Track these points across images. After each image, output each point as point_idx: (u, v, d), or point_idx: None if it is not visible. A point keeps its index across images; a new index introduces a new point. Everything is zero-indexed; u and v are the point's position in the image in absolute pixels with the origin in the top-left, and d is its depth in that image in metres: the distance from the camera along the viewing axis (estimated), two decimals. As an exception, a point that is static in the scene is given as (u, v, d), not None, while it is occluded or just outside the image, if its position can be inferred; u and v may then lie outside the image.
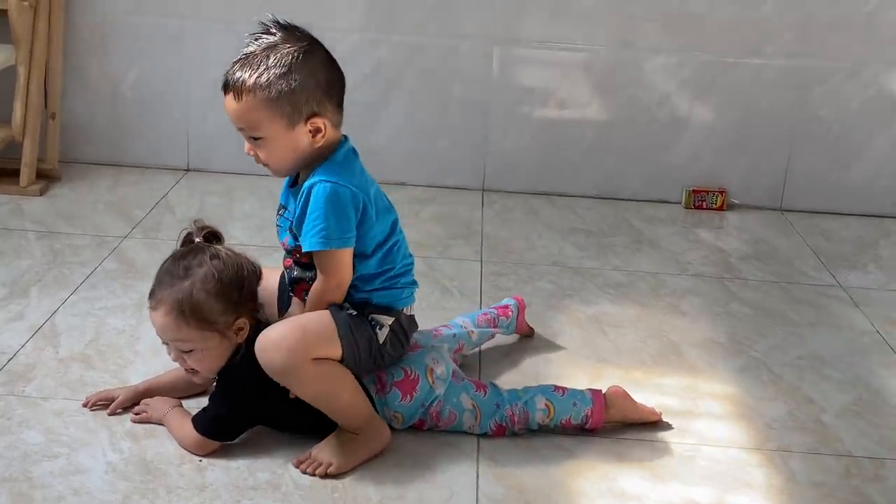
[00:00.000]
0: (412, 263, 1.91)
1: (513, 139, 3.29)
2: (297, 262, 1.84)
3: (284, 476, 1.74)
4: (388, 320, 1.83)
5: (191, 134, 3.30)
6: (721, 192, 3.26)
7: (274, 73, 1.70)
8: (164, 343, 1.82)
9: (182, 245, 1.84)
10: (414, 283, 1.91)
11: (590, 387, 1.96)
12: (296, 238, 1.80)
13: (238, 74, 1.73)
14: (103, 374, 2.03)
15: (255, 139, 1.75)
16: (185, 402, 1.91)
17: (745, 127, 3.25)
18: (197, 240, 1.84)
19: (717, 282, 2.71)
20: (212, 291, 1.75)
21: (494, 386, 1.94)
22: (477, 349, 2.18)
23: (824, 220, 3.23)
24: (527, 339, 2.29)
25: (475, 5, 3.16)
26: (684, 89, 3.23)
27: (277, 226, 1.88)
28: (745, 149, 3.27)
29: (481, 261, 2.74)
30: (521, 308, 2.27)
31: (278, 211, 1.88)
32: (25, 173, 3.02)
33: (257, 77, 1.70)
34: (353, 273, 1.79)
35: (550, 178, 3.31)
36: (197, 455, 1.78)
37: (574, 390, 1.94)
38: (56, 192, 3.07)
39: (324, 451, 1.77)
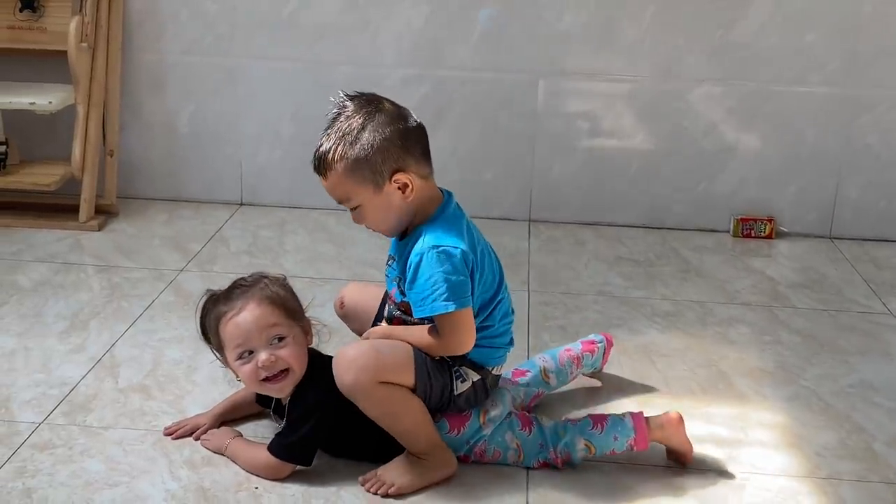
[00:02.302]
0: (512, 322, 1.95)
1: (559, 170, 3.32)
2: (401, 311, 1.90)
3: (338, 503, 1.78)
4: (475, 376, 1.88)
5: (244, 169, 3.38)
6: (769, 221, 3.26)
7: (345, 144, 1.78)
8: (246, 353, 1.82)
9: None
10: (511, 342, 1.96)
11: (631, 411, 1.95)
12: (403, 293, 1.86)
13: (319, 154, 1.82)
14: (162, 404, 2.09)
15: (353, 209, 1.84)
16: (245, 432, 1.96)
17: (792, 155, 3.26)
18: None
19: (766, 310, 2.71)
20: (285, 287, 1.90)
21: (539, 424, 1.92)
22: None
23: (874, 248, 3.21)
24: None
25: (520, 38, 3.21)
26: (730, 118, 3.24)
27: (386, 275, 1.95)
28: (793, 177, 3.27)
29: (528, 291, 2.76)
30: (608, 345, 2.25)
31: (387, 261, 1.95)
32: (84, 209, 3.11)
33: (332, 153, 1.79)
34: None
35: (597, 207, 3.34)
36: (270, 479, 1.83)
37: (613, 419, 1.91)
38: (114, 226, 3.15)
39: (389, 472, 1.82)
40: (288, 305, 1.86)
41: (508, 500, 1.81)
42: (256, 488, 1.81)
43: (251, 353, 1.82)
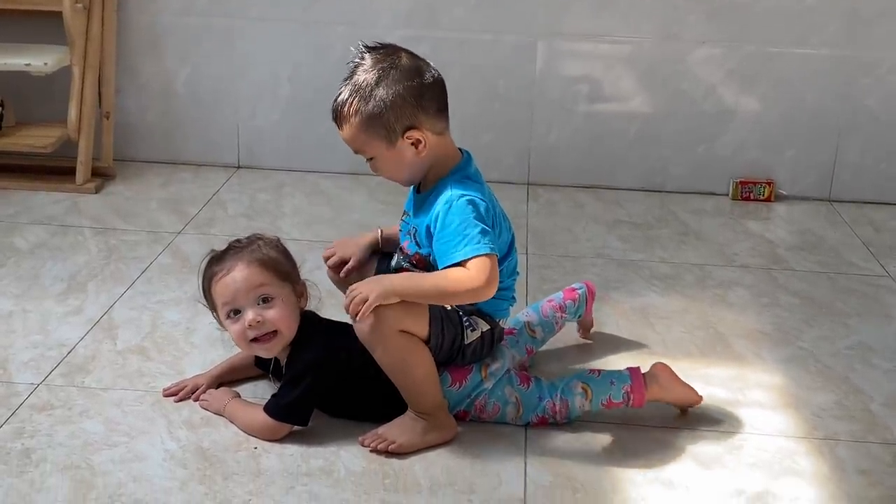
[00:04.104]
0: (516, 279, 1.97)
1: (557, 133, 3.31)
2: (411, 264, 1.90)
3: (337, 463, 1.78)
4: (484, 326, 1.89)
5: (241, 131, 3.36)
6: (769, 184, 3.25)
7: (360, 99, 1.79)
8: (233, 311, 1.83)
9: None
10: (513, 298, 1.98)
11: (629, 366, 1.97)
12: (419, 245, 1.87)
13: (336, 105, 1.82)
14: (160, 366, 2.09)
15: (368, 160, 1.85)
16: (243, 393, 1.97)
17: (792, 118, 3.24)
18: None
19: (765, 272, 2.71)
20: (279, 249, 1.90)
21: (538, 380, 1.95)
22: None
23: (873, 211, 3.21)
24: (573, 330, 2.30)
25: (518, 0, 3.18)
26: (730, 81, 3.22)
27: (400, 230, 1.97)
28: (792, 139, 3.26)
29: (527, 254, 2.76)
30: (590, 292, 2.25)
31: (402, 216, 1.96)
32: (81, 171, 3.09)
33: (348, 106, 1.80)
34: None
35: (595, 171, 3.33)
36: (267, 440, 1.83)
37: (610, 370, 1.97)
38: (111, 189, 3.14)
39: (391, 430, 1.83)
40: (279, 267, 1.86)
41: (507, 461, 1.82)
42: (255, 448, 1.81)
43: (238, 312, 1.83)
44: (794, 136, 3.25)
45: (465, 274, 1.76)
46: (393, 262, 1.96)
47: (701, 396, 1.98)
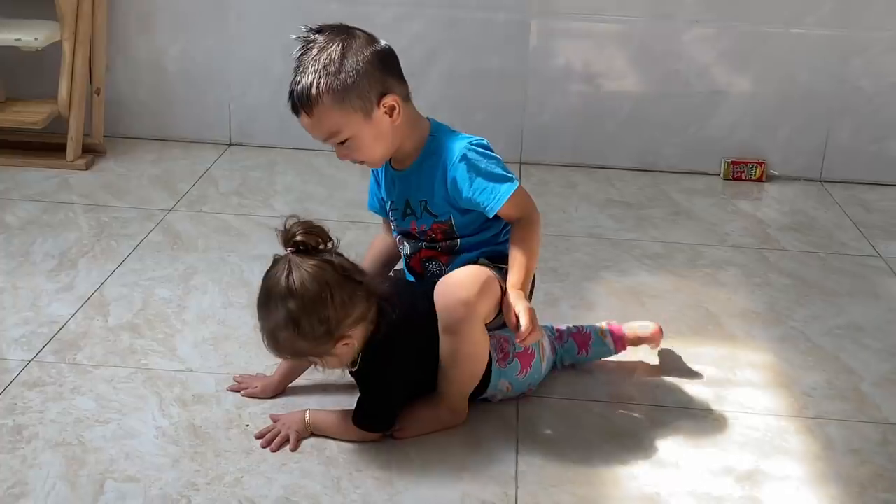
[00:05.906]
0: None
1: (550, 112, 3.30)
2: (428, 240, 1.88)
3: (329, 440, 1.78)
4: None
5: (233, 108, 3.35)
6: (760, 164, 3.25)
7: (328, 75, 1.71)
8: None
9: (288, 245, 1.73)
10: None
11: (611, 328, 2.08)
12: (434, 214, 1.85)
13: (300, 91, 1.73)
14: (151, 343, 2.09)
15: (341, 143, 1.78)
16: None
17: (784, 98, 3.24)
18: (289, 249, 1.72)
19: (756, 252, 2.71)
20: (306, 310, 1.65)
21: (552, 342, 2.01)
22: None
23: (864, 191, 3.21)
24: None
25: (513, -23, 3.17)
26: (723, 60, 3.22)
27: (392, 220, 1.94)
28: (784, 120, 3.26)
29: (520, 232, 2.75)
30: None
31: (388, 206, 1.94)
32: (71, 148, 3.08)
33: (317, 86, 1.71)
34: (490, 229, 1.86)
35: (588, 150, 3.32)
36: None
37: (596, 342, 2.05)
38: (102, 166, 3.13)
39: (406, 418, 1.81)
40: (294, 349, 1.68)
41: (499, 439, 1.82)
42: (248, 426, 1.82)
43: None
44: (786, 116, 3.25)
45: (533, 225, 1.80)
46: (407, 251, 1.92)
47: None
